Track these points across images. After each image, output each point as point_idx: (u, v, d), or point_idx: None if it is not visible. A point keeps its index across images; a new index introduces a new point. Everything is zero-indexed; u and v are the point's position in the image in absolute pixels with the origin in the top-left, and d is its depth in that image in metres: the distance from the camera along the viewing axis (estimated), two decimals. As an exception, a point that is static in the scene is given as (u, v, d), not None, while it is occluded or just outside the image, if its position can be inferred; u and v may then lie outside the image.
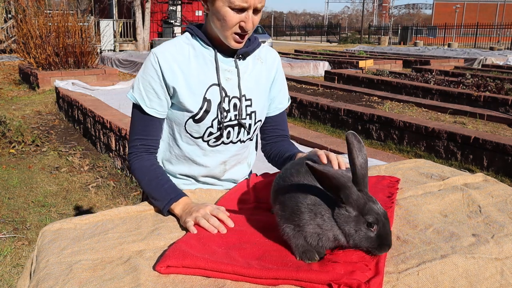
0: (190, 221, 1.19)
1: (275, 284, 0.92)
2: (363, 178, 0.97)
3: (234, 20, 1.28)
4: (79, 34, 9.94)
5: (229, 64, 1.42)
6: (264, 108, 1.51)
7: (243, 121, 1.44)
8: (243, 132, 1.47)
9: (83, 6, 23.82)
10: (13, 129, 5.62)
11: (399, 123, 5.53)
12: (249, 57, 1.46)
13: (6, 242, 3.08)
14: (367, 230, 0.96)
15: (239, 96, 1.42)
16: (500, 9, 47.24)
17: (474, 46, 30.28)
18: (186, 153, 1.47)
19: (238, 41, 1.33)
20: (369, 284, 0.88)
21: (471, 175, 1.59)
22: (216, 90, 1.39)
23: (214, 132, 1.42)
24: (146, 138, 1.42)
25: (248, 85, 1.44)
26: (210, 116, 1.39)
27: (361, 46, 27.15)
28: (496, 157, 4.54)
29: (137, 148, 1.42)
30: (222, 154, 1.48)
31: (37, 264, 1.06)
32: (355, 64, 13.39)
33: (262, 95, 1.48)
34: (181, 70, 1.37)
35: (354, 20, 75.24)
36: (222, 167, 1.51)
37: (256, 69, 1.47)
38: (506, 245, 1.08)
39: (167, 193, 1.32)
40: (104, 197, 3.94)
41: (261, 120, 1.51)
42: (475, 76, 10.44)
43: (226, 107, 1.41)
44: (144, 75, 1.39)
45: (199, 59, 1.40)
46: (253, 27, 1.31)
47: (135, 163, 1.41)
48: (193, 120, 1.40)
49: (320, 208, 0.98)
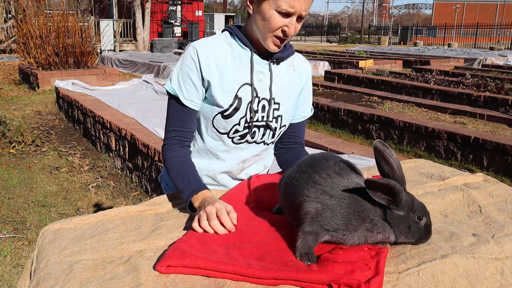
0: (195, 220, 1.19)
1: (275, 284, 0.92)
2: (403, 179, 1.05)
3: (278, 24, 1.31)
4: (79, 34, 9.94)
5: (263, 67, 1.44)
6: (290, 115, 1.54)
7: (270, 123, 1.47)
8: (268, 134, 1.50)
9: (83, 6, 23.81)
10: (13, 129, 5.62)
11: (399, 123, 5.53)
12: (283, 62, 1.49)
13: (6, 242, 3.08)
14: (418, 224, 1.05)
15: (269, 98, 1.45)
16: (500, 9, 47.24)
17: (474, 46, 30.29)
18: (209, 147, 1.50)
19: (277, 44, 1.36)
20: (369, 284, 0.88)
21: (471, 175, 1.59)
22: (248, 90, 1.42)
23: (240, 130, 1.45)
24: (181, 129, 1.45)
25: (278, 89, 1.47)
26: (238, 114, 1.42)
27: (361, 46, 27.16)
28: (496, 157, 4.54)
29: (172, 139, 1.45)
30: (244, 152, 1.51)
31: (37, 264, 1.06)
32: (355, 64, 13.39)
33: (290, 101, 1.51)
34: (217, 66, 1.40)
35: (354, 20, 75.23)
36: (241, 165, 1.54)
37: (288, 75, 1.50)
38: (506, 245, 1.08)
39: (190, 185, 1.33)
40: (104, 197, 3.94)
41: (285, 126, 1.54)
42: (475, 76, 10.44)
43: (255, 107, 1.44)
44: (183, 67, 1.41)
45: (235, 58, 1.43)
46: (294, 33, 1.34)
47: (168, 153, 1.43)
48: (222, 115, 1.42)
49: (368, 213, 1.02)
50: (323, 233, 1.03)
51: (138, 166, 4.21)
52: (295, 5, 1.27)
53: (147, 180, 4.03)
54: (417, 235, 1.06)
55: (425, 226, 1.06)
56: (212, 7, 63.89)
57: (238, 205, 1.33)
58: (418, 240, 1.07)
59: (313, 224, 1.02)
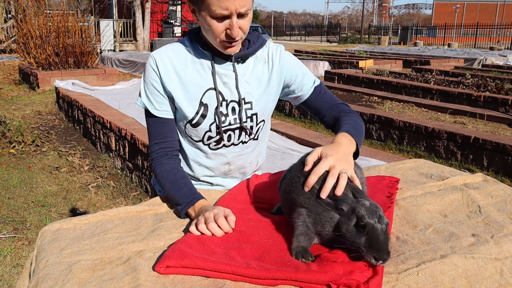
0: (193, 224, 1.19)
1: (274, 284, 0.92)
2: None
3: (219, 29, 1.26)
4: (79, 34, 9.95)
5: (226, 68, 1.40)
6: (268, 109, 1.49)
7: (244, 124, 1.43)
8: (244, 135, 1.46)
9: (83, 6, 23.82)
10: (13, 129, 5.62)
11: (399, 123, 5.53)
12: (250, 58, 1.44)
13: (6, 242, 3.08)
14: (362, 232, 0.95)
15: (238, 100, 1.41)
16: (500, 9, 47.24)
17: (474, 46, 30.29)
18: (189, 154, 1.48)
19: (229, 46, 1.31)
20: (368, 284, 0.88)
21: (471, 175, 1.59)
22: (212, 94, 1.39)
23: (214, 136, 1.42)
24: (163, 140, 1.42)
25: (248, 88, 1.43)
26: (207, 121, 1.39)
27: (361, 46, 27.16)
28: (496, 157, 4.54)
29: (157, 153, 1.42)
30: (224, 156, 1.48)
31: (37, 264, 1.06)
32: (355, 64, 13.39)
33: (265, 96, 1.46)
34: (177, 74, 1.37)
35: (354, 20, 75.23)
36: (227, 167, 1.51)
37: (258, 70, 1.45)
38: (505, 245, 1.08)
39: (186, 197, 1.31)
40: (104, 197, 3.94)
41: (264, 120, 1.49)
42: (475, 76, 10.44)
43: (224, 111, 1.40)
44: (146, 79, 1.39)
45: (196, 63, 1.39)
46: (243, 32, 1.29)
47: (157, 168, 1.42)
48: (191, 124, 1.40)
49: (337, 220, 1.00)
50: (312, 235, 1.04)
51: (138, 166, 4.21)
52: (227, 6, 1.21)
53: (147, 180, 4.03)
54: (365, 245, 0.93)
55: (368, 233, 0.93)
56: (212, 7, 63.73)
57: (237, 205, 1.33)
58: (368, 251, 0.93)
59: (303, 226, 1.04)
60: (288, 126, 5.59)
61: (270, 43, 1.50)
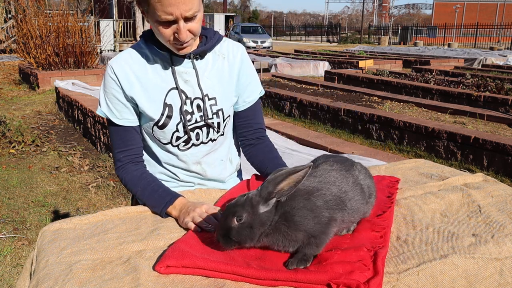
0: (189, 221, 1.19)
1: (274, 285, 0.92)
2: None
3: (167, 33, 1.26)
4: (79, 34, 9.95)
5: (186, 66, 1.40)
6: (232, 103, 1.49)
7: (210, 121, 1.43)
8: (212, 132, 1.46)
9: (83, 6, 23.82)
10: (13, 129, 5.62)
11: (399, 123, 5.53)
12: (209, 54, 1.43)
13: (6, 242, 3.08)
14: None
15: (201, 96, 1.40)
16: (500, 9, 47.24)
17: (474, 46, 30.29)
18: (162, 158, 1.48)
19: (182, 47, 1.31)
20: (368, 284, 0.88)
21: (471, 175, 1.59)
22: (175, 94, 1.38)
23: (181, 136, 1.42)
24: (127, 148, 1.42)
25: (210, 84, 1.42)
26: (173, 121, 1.39)
27: (361, 46, 27.16)
28: (496, 157, 4.54)
29: (122, 161, 1.42)
30: (194, 156, 1.47)
31: (37, 264, 1.06)
32: (355, 64, 13.39)
33: (227, 91, 1.46)
34: (137, 79, 1.37)
35: (354, 20, 75.24)
36: (199, 167, 1.50)
37: (217, 65, 1.45)
38: (505, 245, 1.08)
39: (162, 198, 1.31)
40: (104, 197, 3.94)
41: (230, 115, 1.49)
42: (475, 76, 10.45)
43: (189, 109, 1.40)
44: (106, 88, 1.38)
45: (155, 65, 1.39)
46: (193, 34, 1.28)
47: (125, 176, 1.41)
48: (157, 126, 1.40)
49: None
50: None
51: (138, 166, 4.21)
52: (172, 11, 1.20)
53: (147, 180, 4.03)
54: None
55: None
56: (212, 7, 63.91)
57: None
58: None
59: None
60: (288, 126, 5.59)
61: (227, 39, 1.50)
